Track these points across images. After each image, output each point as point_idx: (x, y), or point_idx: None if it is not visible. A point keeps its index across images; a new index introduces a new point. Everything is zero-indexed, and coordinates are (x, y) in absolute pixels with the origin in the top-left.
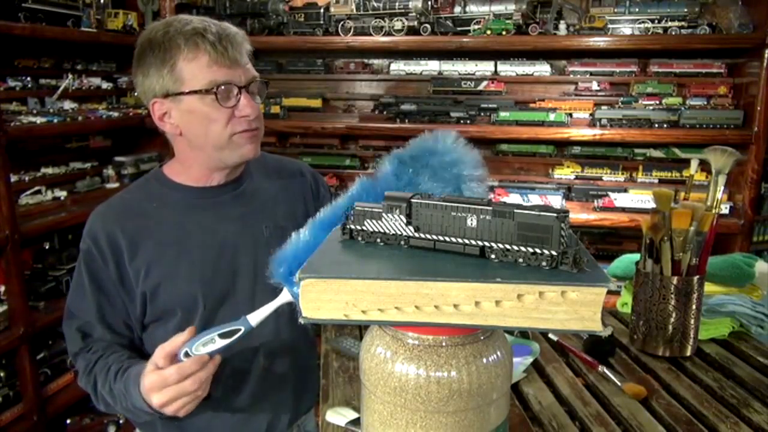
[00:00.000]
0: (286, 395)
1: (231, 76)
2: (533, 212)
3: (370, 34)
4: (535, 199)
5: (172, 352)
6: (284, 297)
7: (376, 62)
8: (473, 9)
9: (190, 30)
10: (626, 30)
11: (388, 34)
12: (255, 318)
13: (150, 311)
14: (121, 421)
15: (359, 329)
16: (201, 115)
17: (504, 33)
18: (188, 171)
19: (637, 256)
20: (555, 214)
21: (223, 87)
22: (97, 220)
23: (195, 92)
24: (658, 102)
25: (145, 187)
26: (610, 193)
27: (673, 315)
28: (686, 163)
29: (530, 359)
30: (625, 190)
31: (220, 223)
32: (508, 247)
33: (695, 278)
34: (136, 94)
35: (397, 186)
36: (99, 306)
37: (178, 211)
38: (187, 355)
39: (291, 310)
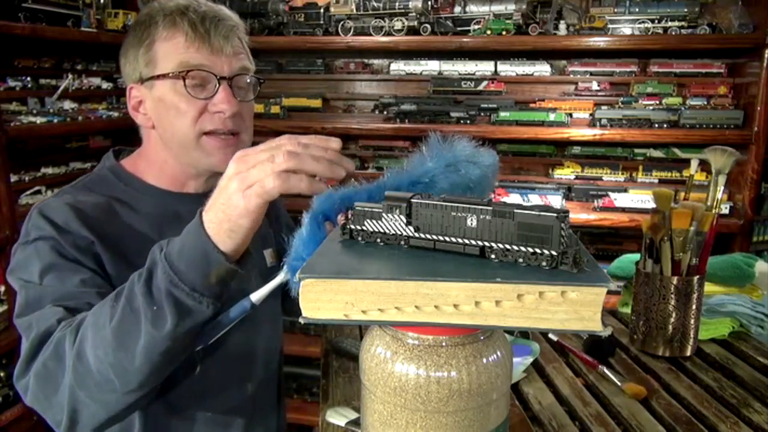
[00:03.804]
0: (270, 418)
1: (209, 61)
2: (533, 212)
3: (370, 34)
4: (535, 199)
5: None
6: (282, 277)
7: (376, 62)
8: (473, 9)
9: (172, 6)
10: (626, 30)
11: (388, 34)
12: (256, 296)
13: None
14: None
15: (359, 329)
16: (169, 104)
17: (504, 33)
18: (159, 171)
19: (637, 256)
20: (555, 214)
21: (195, 72)
22: (54, 208)
23: (164, 76)
24: (658, 102)
25: (105, 185)
26: (610, 193)
27: (673, 315)
28: (686, 163)
29: (530, 359)
30: (625, 190)
31: None
32: (508, 247)
33: (695, 278)
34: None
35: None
36: (93, 280)
37: (152, 220)
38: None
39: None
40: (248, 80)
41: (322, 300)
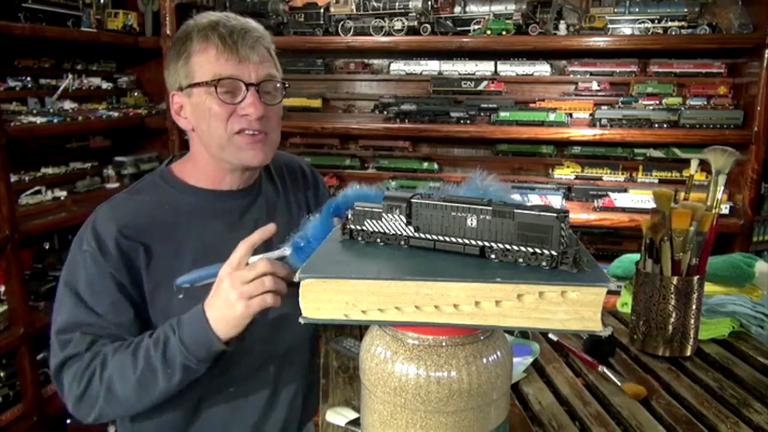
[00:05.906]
0: (294, 402)
1: (238, 71)
2: (533, 212)
3: (370, 34)
4: (535, 199)
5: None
6: (284, 250)
7: (376, 62)
8: (473, 9)
9: (205, 23)
10: (626, 30)
11: (388, 34)
12: (255, 257)
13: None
14: None
15: (359, 329)
16: (205, 109)
17: (504, 33)
18: (201, 171)
19: (637, 256)
20: (555, 214)
21: (226, 81)
22: (104, 222)
23: (199, 84)
24: (658, 102)
25: (153, 188)
26: (610, 193)
27: (673, 315)
28: (686, 163)
29: (530, 359)
30: (625, 190)
31: (237, 232)
32: (508, 247)
33: (695, 278)
34: (136, 94)
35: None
36: (114, 304)
37: (191, 218)
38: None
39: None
40: (276, 85)
41: (322, 300)
